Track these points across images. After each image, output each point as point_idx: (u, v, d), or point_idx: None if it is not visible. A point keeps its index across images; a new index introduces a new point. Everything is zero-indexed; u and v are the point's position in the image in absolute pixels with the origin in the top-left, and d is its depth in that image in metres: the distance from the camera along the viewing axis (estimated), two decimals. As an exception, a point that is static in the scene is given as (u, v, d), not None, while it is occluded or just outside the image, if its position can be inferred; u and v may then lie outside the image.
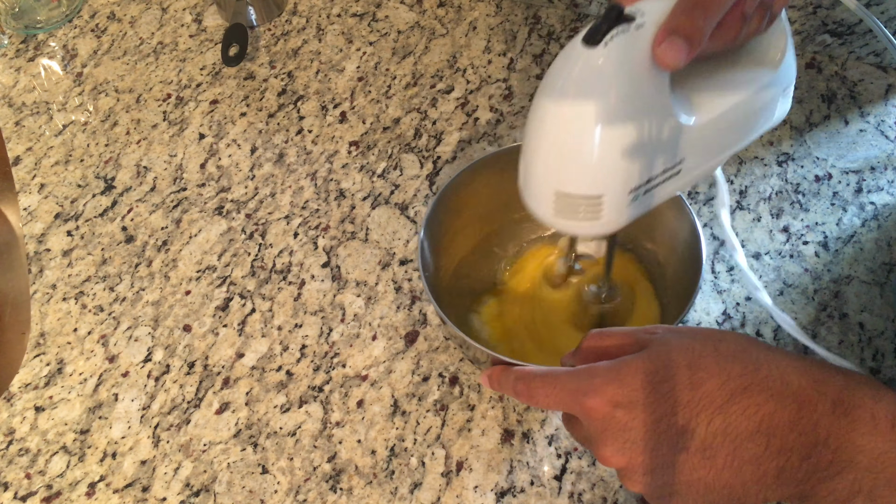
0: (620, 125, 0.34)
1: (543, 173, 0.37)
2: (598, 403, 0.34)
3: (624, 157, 0.35)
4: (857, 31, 0.65)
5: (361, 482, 0.51)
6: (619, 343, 0.37)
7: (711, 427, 0.32)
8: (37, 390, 0.57)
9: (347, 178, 0.66)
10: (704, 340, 0.35)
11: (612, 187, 0.36)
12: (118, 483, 0.53)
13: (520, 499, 0.49)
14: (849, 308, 0.55)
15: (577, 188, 0.36)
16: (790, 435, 0.31)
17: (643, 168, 0.36)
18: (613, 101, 0.34)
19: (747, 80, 0.39)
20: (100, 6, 0.83)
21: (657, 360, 0.34)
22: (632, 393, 0.33)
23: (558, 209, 0.37)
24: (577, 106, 0.34)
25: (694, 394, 0.32)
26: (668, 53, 0.32)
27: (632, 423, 0.33)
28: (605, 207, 0.37)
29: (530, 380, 0.38)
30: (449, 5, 0.77)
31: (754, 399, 0.32)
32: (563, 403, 0.36)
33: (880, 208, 0.59)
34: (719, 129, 0.39)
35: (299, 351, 0.57)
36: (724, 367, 0.33)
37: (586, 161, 0.35)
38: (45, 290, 0.63)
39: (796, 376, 0.32)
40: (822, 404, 0.31)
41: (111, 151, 0.71)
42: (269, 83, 0.74)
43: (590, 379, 0.35)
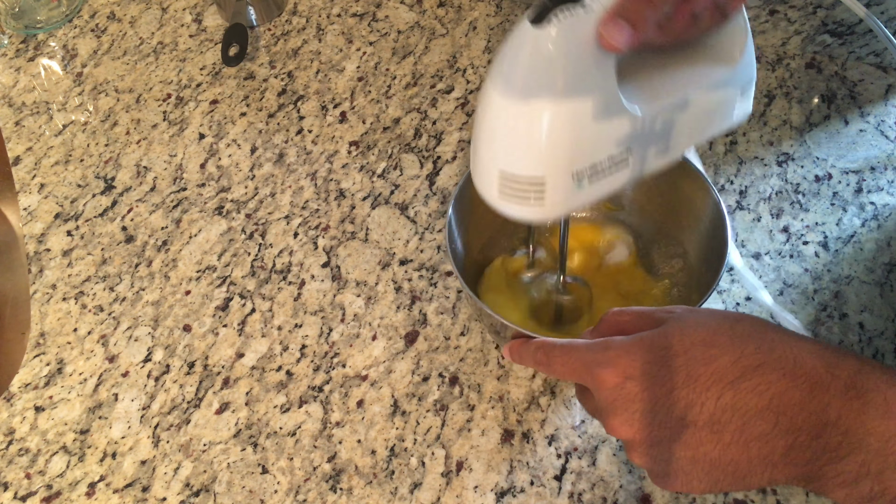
0: (563, 106, 0.34)
1: (488, 153, 0.37)
2: (609, 374, 0.34)
3: (566, 140, 0.35)
4: (857, 31, 0.65)
5: (361, 482, 0.51)
6: (637, 320, 0.38)
7: (721, 402, 0.32)
8: (37, 390, 0.57)
9: (347, 178, 0.66)
10: (721, 320, 0.35)
11: (555, 170, 0.36)
12: (118, 483, 0.53)
13: (520, 499, 0.49)
14: (849, 308, 0.55)
15: (520, 168, 0.37)
16: (800, 414, 0.31)
17: (586, 153, 0.36)
18: (557, 82, 0.34)
19: (702, 75, 0.39)
20: (100, 6, 0.83)
21: (672, 336, 0.34)
22: (644, 366, 0.34)
23: (503, 190, 0.38)
24: (521, 86, 0.34)
25: (707, 368, 0.33)
26: (612, 34, 0.33)
27: (641, 394, 0.34)
28: (548, 190, 0.37)
29: (549, 349, 0.38)
30: (449, 5, 0.77)
31: (766, 377, 0.32)
32: (577, 373, 0.37)
33: (880, 208, 0.59)
34: (669, 123, 0.39)
35: (299, 351, 0.57)
36: (738, 344, 0.33)
37: (529, 141, 0.35)
38: (45, 290, 0.63)
39: (810, 358, 0.32)
40: (834, 386, 0.31)
41: (111, 151, 0.71)
42: (269, 83, 0.74)
43: (604, 351, 0.35)
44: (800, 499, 0.47)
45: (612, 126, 0.36)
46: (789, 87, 0.67)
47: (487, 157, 0.38)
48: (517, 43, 0.34)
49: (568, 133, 0.35)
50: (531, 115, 0.35)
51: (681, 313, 0.36)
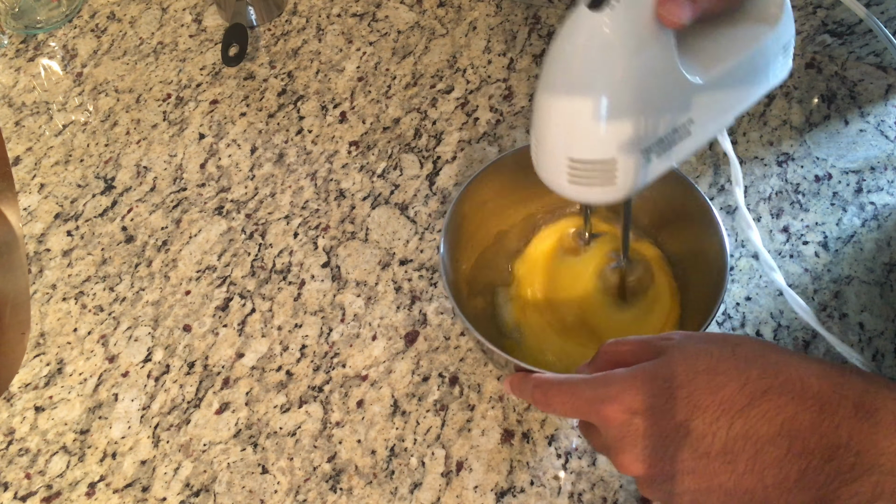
0: (628, 87, 0.35)
1: (555, 141, 0.38)
2: (615, 411, 0.34)
3: (633, 118, 0.35)
4: (857, 31, 0.65)
5: (361, 482, 0.51)
6: (635, 350, 0.37)
7: (732, 431, 0.32)
8: (37, 390, 0.57)
9: (347, 178, 0.66)
10: (722, 345, 0.34)
11: (625, 149, 0.36)
12: (118, 483, 0.53)
13: (520, 499, 0.49)
14: (849, 308, 0.55)
15: (591, 153, 0.37)
16: (812, 437, 0.31)
17: (653, 128, 0.37)
18: (620, 64, 0.34)
19: (749, 37, 0.40)
20: (100, 6, 0.83)
21: (675, 366, 0.34)
22: (649, 399, 0.33)
23: (573, 177, 0.38)
24: (584, 70, 0.35)
25: (714, 398, 0.32)
26: (672, 11, 0.33)
27: (650, 429, 0.33)
28: (619, 171, 0.37)
29: (547, 388, 0.37)
30: (449, 5, 0.77)
31: (775, 402, 0.31)
32: (580, 412, 0.36)
33: (880, 208, 0.59)
34: (724, 88, 0.39)
35: (299, 351, 0.57)
36: (742, 370, 0.32)
37: (597, 126, 0.36)
38: (45, 290, 0.63)
39: (816, 379, 0.32)
40: (843, 407, 0.31)
41: (111, 151, 0.71)
42: (269, 83, 0.74)
43: (606, 386, 0.35)
44: None
45: (675, 99, 0.37)
46: (789, 87, 0.67)
47: (554, 145, 0.38)
48: (575, 29, 0.35)
49: (634, 113, 0.35)
50: (596, 100, 0.35)
51: (679, 340, 0.36)
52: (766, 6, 0.40)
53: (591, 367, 0.39)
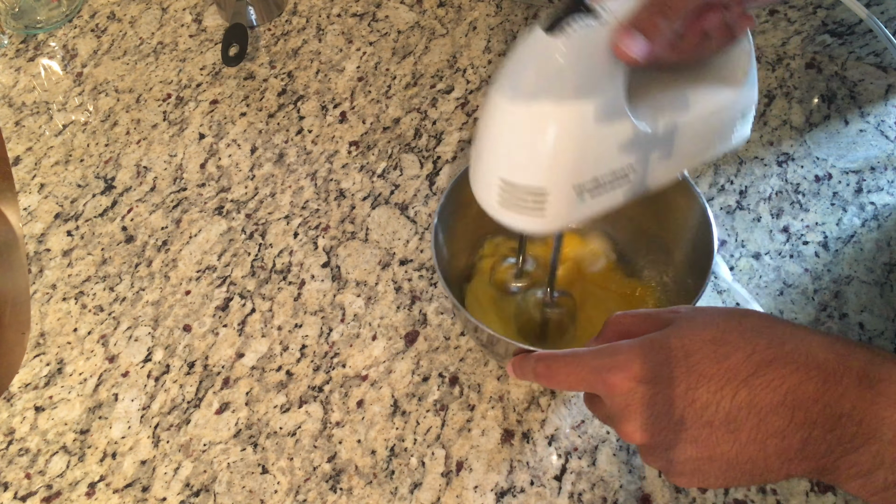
0: (570, 116, 0.34)
1: (490, 159, 0.37)
2: (621, 379, 0.34)
3: (571, 151, 0.35)
4: (857, 31, 0.65)
5: (361, 482, 0.51)
6: (642, 321, 0.37)
7: (736, 400, 0.32)
8: (37, 390, 0.57)
9: (347, 178, 0.66)
10: (728, 317, 0.34)
11: (557, 181, 0.36)
12: (118, 483, 0.53)
13: (520, 499, 0.49)
14: (849, 308, 0.55)
15: (522, 178, 0.36)
16: (815, 407, 0.31)
17: (590, 166, 0.36)
18: (566, 92, 0.33)
19: (706, 96, 0.39)
20: (100, 6, 0.83)
21: (682, 336, 0.34)
22: (655, 368, 0.33)
23: (503, 199, 0.37)
24: (529, 94, 0.34)
25: (719, 367, 0.32)
26: (627, 45, 0.33)
27: (655, 398, 0.33)
28: (549, 202, 0.36)
29: (551, 361, 0.37)
30: (449, 5, 0.77)
31: (779, 371, 0.31)
32: (585, 382, 0.36)
33: (880, 208, 0.59)
34: (674, 141, 0.39)
35: (299, 351, 0.57)
36: (749, 340, 0.33)
37: (533, 151, 0.35)
38: (45, 290, 0.63)
39: (822, 350, 0.32)
40: (847, 377, 0.31)
41: (111, 151, 0.71)
42: (269, 83, 0.74)
43: (613, 355, 0.35)
44: (799, 499, 0.47)
45: (616, 139, 0.36)
46: (789, 87, 0.67)
47: (489, 163, 0.37)
48: (528, 50, 0.34)
49: (573, 143, 0.35)
50: (537, 123, 0.34)
51: (686, 312, 0.36)
52: (732, 69, 0.40)
53: (600, 339, 0.39)
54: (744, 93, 0.40)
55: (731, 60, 0.40)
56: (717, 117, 0.40)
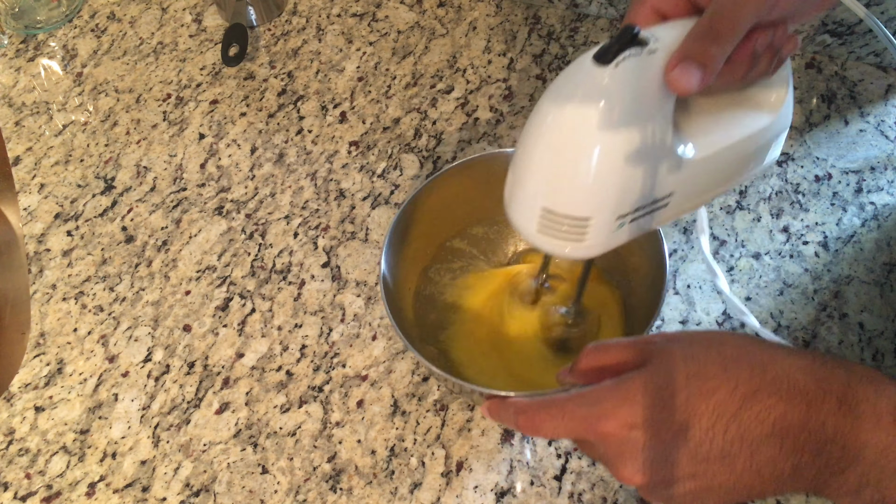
0: (620, 149, 0.34)
1: (533, 187, 0.36)
2: (612, 427, 0.34)
3: (618, 182, 0.34)
4: (857, 31, 0.65)
5: (361, 482, 0.51)
6: (619, 358, 0.37)
7: (728, 435, 0.32)
8: (37, 390, 0.57)
9: (347, 178, 0.66)
10: (707, 346, 0.35)
11: (602, 211, 0.35)
12: (118, 483, 0.53)
13: (520, 499, 0.49)
14: (849, 308, 0.55)
15: (566, 207, 0.36)
16: (801, 434, 0.32)
17: (634, 196, 0.36)
18: (616, 124, 0.33)
19: (746, 122, 0.39)
20: (100, 6, 0.83)
21: (664, 374, 0.34)
22: (644, 411, 0.33)
23: (543, 226, 0.37)
24: (579, 123, 0.33)
25: (707, 404, 0.33)
26: (681, 78, 0.33)
27: (649, 441, 0.33)
28: (590, 230, 0.36)
29: (533, 413, 0.36)
30: (449, 5, 0.77)
31: (765, 403, 0.32)
32: (573, 432, 0.36)
33: (880, 208, 0.59)
34: (712, 168, 0.38)
35: (299, 351, 0.57)
36: (731, 372, 0.33)
37: (580, 181, 0.35)
38: (45, 290, 0.63)
39: (801, 375, 0.33)
40: (827, 402, 0.32)
41: (111, 151, 0.71)
42: (269, 83, 0.74)
43: (599, 403, 0.34)
44: (799, 499, 0.47)
45: (662, 169, 0.36)
46: (789, 87, 0.67)
47: (531, 192, 0.37)
48: (577, 80, 0.33)
49: (620, 176, 0.34)
50: (585, 156, 0.34)
51: (662, 344, 0.36)
52: (769, 94, 0.39)
53: (574, 375, 0.39)
54: (780, 118, 0.40)
55: (769, 87, 0.39)
56: (752, 142, 0.39)
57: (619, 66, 0.32)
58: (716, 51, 0.33)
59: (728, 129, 0.38)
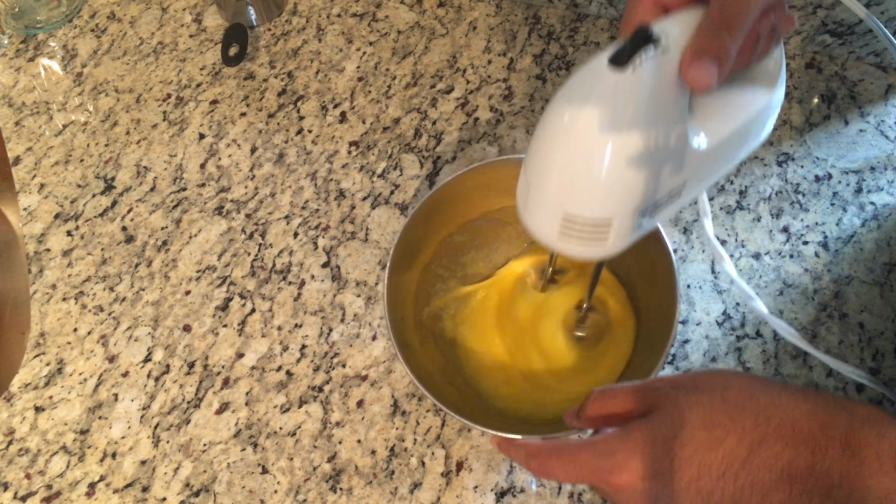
0: (640, 149, 0.33)
1: (552, 194, 0.36)
2: (625, 480, 0.34)
3: (639, 182, 0.34)
4: (857, 31, 0.65)
5: (361, 482, 0.51)
6: (625, 406, 0.37)
7: (738, 483, 0.33)
8: (37, 390, 0.57)
9: (347, 178, 0.66)
10: (711, 393, 0.35)
11: (623, 211, 0.35)
12: (118, 483, 0.53)
13: (520, 499, 0.49)
14: (849, 308, 0.55)
15: (588, 211, 0.35)
16: (809, 479, 0.32)
17: (653, 191, 0.36)
18: (634, 126, 0.33)
19: (748, 100, 0.39)
20: (100, 6, 0.83)
21: (671, 424, 0.34)
22: (655, 463, 0.34)
23: (564, 231, 0.36)
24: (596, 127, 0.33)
25: (716, 454, 0.33)
26: (699, 75, 0.32)
27: (662, 491, 0.34)
28: (612, 231, 0.36)
29: (545, 458, 0.37)
30: (449, 5, 0.77)
31: (773, 449, 0.33)
32: (585, 480, 0.36)
33: (880, 208, 0.59)
34: (721, 152, 0.39)
35: (299, 351, 0.57)
36: (737, 420, 0.34)
37: (601, 184, 0.34)
38: (45, 290, 0.63)
39: (805, 421, 0.33)
40: (832, 448, 0.32)
41: (111, 151, 0.71)
42: (269, 83, 0.74)
43: (610, 455, 0.35)
44: None
45: (678, 163, 0.36)
46: (789, 87, 0.67)
47: (550, 198, 0.36)
48: (592, 82, 0.33)
49: (640, 176, 0.34)
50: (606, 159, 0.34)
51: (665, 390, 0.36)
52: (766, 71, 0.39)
53: (580, 420, 0.40)
54: (777, 93, 0.40)
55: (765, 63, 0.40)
56: (757, 118, 0.40)
57: (638, 68, 0.32)
58: (729, 43, 0.32)
59: (734, 112, 0.38)
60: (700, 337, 0.55)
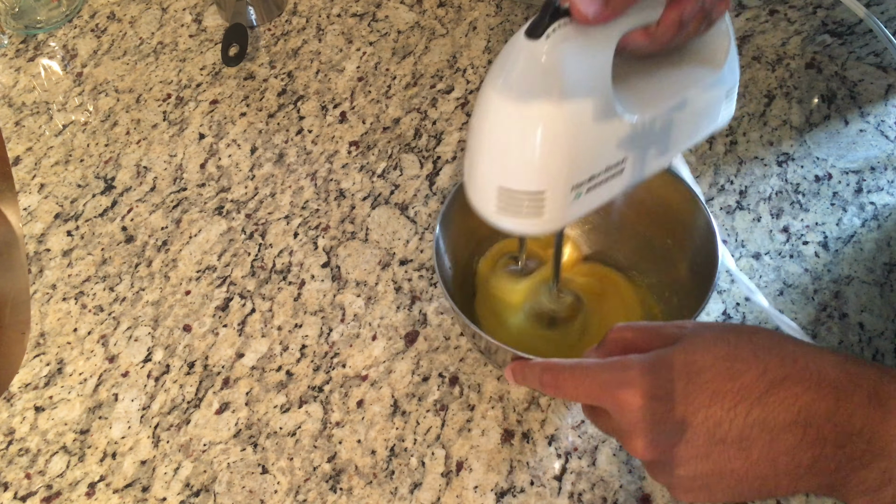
0: (563, 119, 0.34)
1: (486, 168, 0.37)
2: (632, 395, 0.33)
3: (566, 152, 0.35)
4: (857, 31, 0.65)
5: (361, 482, 0.51)
6: (648, 337, 0.37)
7: (749, 418, 0.32)
8: (37, 390, 0.57)
9: (347, 178, 0.66)
10: (738, 333, 0.34)
11: (555, 183, 0.36)
12: (118, 483, 0.53)
13: (520, 499, 0.49)
14: (849, 308, 0.55)
15: (520, 183, 0.36)
16: (826, 425, 0.31)
17: (585, 165, 0.36)
18: (555, 95, 0.34)
19: (690, 79, 0.40)
20: (100, 6, 0.83)
21: (694, 352, 0.34)
22: (668, 384, 0.33)
23: (501, 206, 0.37)
24: (519, 100, 0.34)
25: (733, 384, 0.32)
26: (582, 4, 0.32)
27: (668, 414, 0.33)
28: (547, 204, 0.36)
29: (558, 371, 0.37)
30: (449, 5, 0.77)
31: (792, 390, 0.32)
32: (593, 395, 0.35)
33: (880, 208, 0.59)
34: (662, 129, 0.39)
35: (299, 351, 0.57)
36: (761, 358, 0.33)
37: (529, 156, 0.35)
38: (45, 290, 0.63)
39: (832, 369, 0.32)
40: (857, 395, 0.31)
41: (111, 151, 0.71)
42: (269, 83, 0.74)
43: (623, 371, 0.34)
44: (800, 499, 0.47)
45: (609, 135, 0.36)
46: (789, 87, 0.67)
47: (485, 173, 0.37)
48: (513, 57, 0.34)
49: (567, 146, 0.35)
50: (532, 128, 0.35)
51: (694, 328, 0.35)
52: (712, 51, 0.40)
53: (600, 351, 0.38)
54: (726, 73, 0.40)
55: (710, 42, 0.40)
56: (702, 100, 0.40)
57: (553, 38, 0.33)
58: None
59: (672, 89, 0.39)
60: (700, 337, 0.55)
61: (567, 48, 0.33)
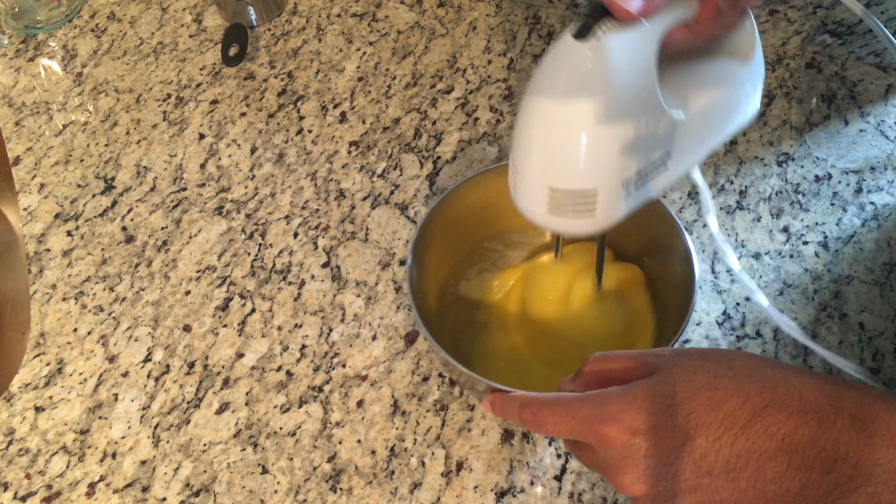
0: (613, 117, 0.35)
1: (536, 170, 0.37)
2: (615, 431, 0.33)
3: (617, 149, 0.36)
4: (857, 31, 0.65)
5: (361, 482, 0.51)
6: (626, 367, 0.36)
7: (735, 448, 0.32)
8: (37, 390, 0.57)
9: (347, 178, 0.66)
10: (717, 360, 0.34)
11: (606, 180, 0.36)
12: (118, 483, 0.53)
13: (520, 499, 0.49)
14: (849, 308, 0.55)
15: (571, 183, 0.36)
16: (811, 451, 0.31)
17: (634, 160, 0.37)
18: (605, 94, 0.34)
19: (724, 74, 0.41)
20: (100, 6, 0.83)
21: (673, 383, 0.33)
22: (650, 418, 0.33)
23: (552, 207, 0.37)
24: (569, 100, 0.35)
25: (716, 414, 0.32)
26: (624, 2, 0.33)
27: (652, 449, 0.33)
28: (599, 202, 0.37)
29: (538, 408, 0.36)
30: (449, 5, 0.77)
31: (775, 417, 0.31)
32: (575, 432, 0.35)
33: (880, 208, 0.59)
34: (700, 123, 0.40)
35: (299, 351, 0.57)
36: (741, 385, 0.32)
37: (580, 154, 0.36)
38: (45, 290, 0.63)
39: (813, 392, 0.32)
40: (840, 419, 0.31)
41: (111, 151, 0.71)
42: (269, 83, 0.74)
43: (604, 405, 0.34)
44: None
45: (655, 130, 0.37)
46: (789, 87, 0.67)
47: (535, 174, 0.37)
48: (561, 59, 0.35)
49: (618, 143, 0.35)
50: (582, 130, 0.35)
51: (671, 357, 0.35)
52: (739, 45, 0.41)
53: (576, 383, 0.38)
54: (753, 66, 0.41)
55: (737, 37, 0.41)
56: (733, 92, 0.41)
57: (600, 39, 0.33)
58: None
59: (710, 84, 0.40)
60: (700, 337, 0.55)
61: (614, 47, 0.34)
